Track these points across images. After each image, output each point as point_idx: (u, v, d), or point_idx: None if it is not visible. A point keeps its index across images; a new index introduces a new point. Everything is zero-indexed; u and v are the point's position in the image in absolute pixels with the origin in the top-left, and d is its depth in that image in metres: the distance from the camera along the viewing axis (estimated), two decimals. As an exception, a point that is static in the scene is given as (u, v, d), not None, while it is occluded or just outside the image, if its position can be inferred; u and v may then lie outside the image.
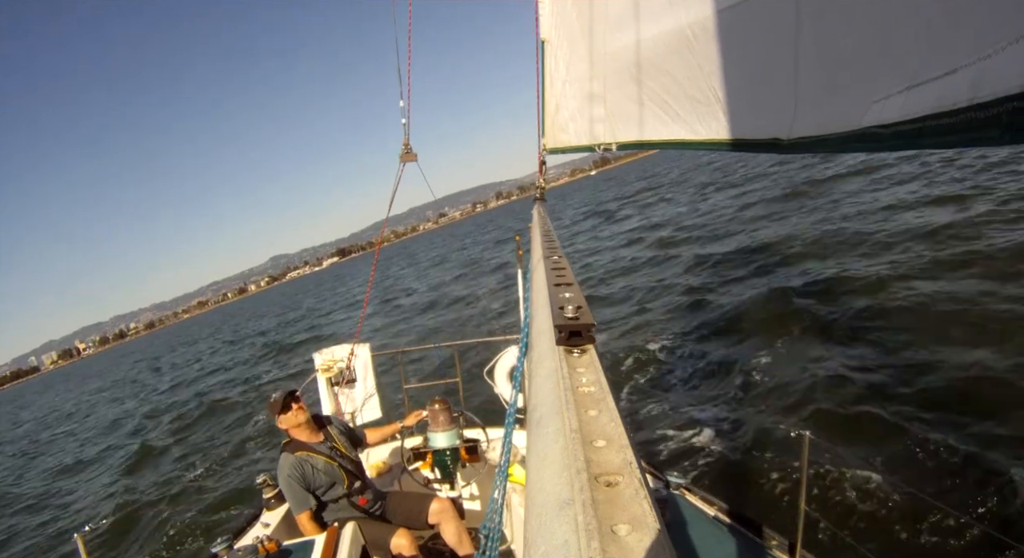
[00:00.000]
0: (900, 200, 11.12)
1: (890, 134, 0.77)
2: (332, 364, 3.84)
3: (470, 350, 7.91)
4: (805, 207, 13.53)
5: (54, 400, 42.73)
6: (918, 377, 4.88)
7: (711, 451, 4.92)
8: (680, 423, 5.56)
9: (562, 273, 1.12)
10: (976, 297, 5.96)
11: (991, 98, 0.54)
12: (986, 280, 6.29)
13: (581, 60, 2.24)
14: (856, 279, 7.54)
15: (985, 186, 10.36)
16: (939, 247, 7.78)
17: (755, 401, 5.47)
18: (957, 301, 6.01)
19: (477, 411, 3.58)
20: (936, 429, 4.16)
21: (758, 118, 1.27)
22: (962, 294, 6.14)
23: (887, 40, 0.81)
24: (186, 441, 11.63)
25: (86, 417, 23.25)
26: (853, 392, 4.97)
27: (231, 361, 22.85)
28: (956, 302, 5.99)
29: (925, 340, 5.46)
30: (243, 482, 7.69)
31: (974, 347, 5.05)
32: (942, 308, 5.98)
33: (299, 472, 2.66)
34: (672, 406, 5.95)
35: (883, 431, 4.34)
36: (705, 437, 5.17)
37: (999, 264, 6.59)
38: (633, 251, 15.93)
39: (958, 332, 5.41)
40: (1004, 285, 6.01)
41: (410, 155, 3.68)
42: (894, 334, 5.79)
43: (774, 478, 4.27)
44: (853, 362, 5.49)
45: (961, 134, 0.60)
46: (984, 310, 5.64)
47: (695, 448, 5.05)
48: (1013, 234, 7.36)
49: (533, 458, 0.57)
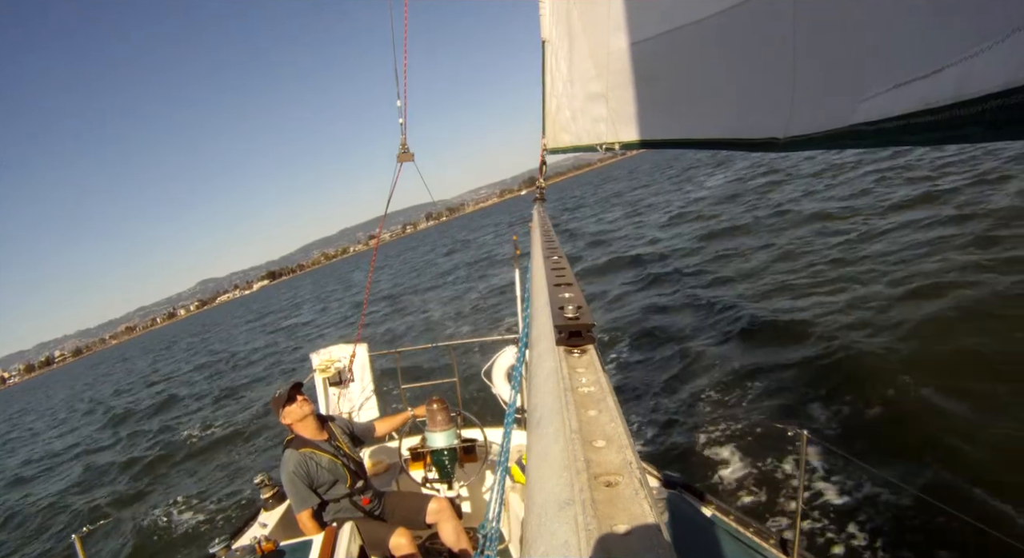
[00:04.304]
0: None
1: (876, 131, 0.78)
2: (330, 364, 3.84)
3: (468, 350, 7.92)
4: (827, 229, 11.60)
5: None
6: (918, 377, 4.89)
7: (710, 450, 4.92)
8: (680, 423, 5.57)
9: (562, 273, 1.12)
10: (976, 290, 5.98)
11: (975, 96, 0.54)
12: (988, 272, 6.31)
13: (583, 60, 2.24)
14: (856, 280, 7.57)
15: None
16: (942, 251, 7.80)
17: (755, 401, 5.48)
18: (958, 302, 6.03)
19: (474, 411, 3.58)
20: (936, 428, 4.18)
21: (756, 117, 1.28)
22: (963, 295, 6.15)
23: (876, 40, 0.81)
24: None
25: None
26: (853, 392, 4.98)
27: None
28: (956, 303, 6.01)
29: (925, 340, 5.48)
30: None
31: (974, 344, 5.06)
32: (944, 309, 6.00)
33: (304, 469, 2.64)
34: (671, 406, 5.96)
35: (882, 430, 4.35)
36: (704, 436, 5.18)
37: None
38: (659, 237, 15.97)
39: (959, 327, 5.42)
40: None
41: (407, 155, 3.68)
42: (894, 332, 5.80)
43: (772, 477, 4.28)
44: (854, 362, 5.50)
45: (945, 131, 0.61)
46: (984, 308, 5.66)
47: (695, 448, 5.06)
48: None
49: (533, 458, 0.57)
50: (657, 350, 7.68)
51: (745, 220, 14.30)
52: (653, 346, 7.87)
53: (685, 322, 8.43)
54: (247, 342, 27.93)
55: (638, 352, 7.77)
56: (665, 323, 8.69)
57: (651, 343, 8.01)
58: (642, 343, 8.14)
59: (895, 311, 6.27)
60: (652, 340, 8.12)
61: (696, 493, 2.32)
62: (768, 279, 8.95)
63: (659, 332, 8.35)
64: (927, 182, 11.82)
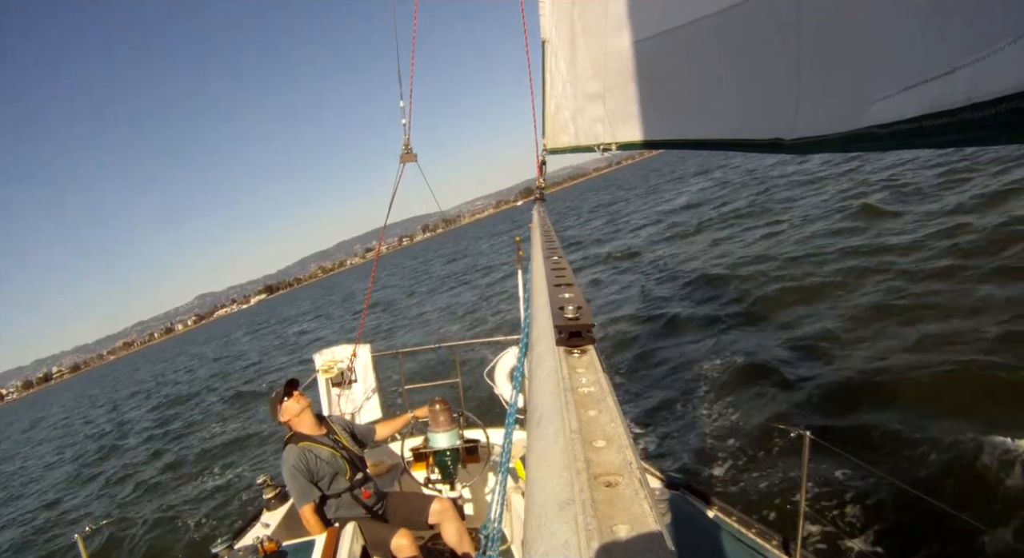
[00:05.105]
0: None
1: (888, 134, 0.77)
2: (332, 365, 3.85)
3: (470, 351, 7.92)
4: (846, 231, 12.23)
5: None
6: (922, 379, 4.88)
7: (711, 451, 4.91)
8: (681, 423, 5.56)
9: (562, 273, 1.12)
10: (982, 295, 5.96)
11: (988, 98, 0.54)
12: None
13: (582, 60, 2.24)
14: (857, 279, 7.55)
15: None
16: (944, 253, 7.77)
17: (756, 401, 5.47)
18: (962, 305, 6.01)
19: (477, 412, 3.58)
20: (936, 428, 4.16)
21: (760, 118, 1.27)
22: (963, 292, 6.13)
23: (886, 40, 0.81)
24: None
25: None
26: (856, 392, 4.97)
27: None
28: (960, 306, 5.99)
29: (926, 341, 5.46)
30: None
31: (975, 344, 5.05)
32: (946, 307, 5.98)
33: (304, 463, 2.66)
34: (672, 406, 5.95)
35: (884, 430, 4.34)
36: (705, 437, 5.17)
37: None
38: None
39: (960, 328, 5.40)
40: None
41: (410, 155, 3.68)
42: (894, 332, 5.78)
43: (774, 478, 4.27)
44: (855, 361, 5.49)
45: (958, 134, 0.60)
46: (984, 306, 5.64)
47: (695, 448, 5.05)
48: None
49: (533, 458, 0.57)
50: (658, 350, 7.67)
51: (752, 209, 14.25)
52: (654, 346, 7.86)
53: (685, 322, 8.41)
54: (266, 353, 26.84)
55: (639, 352, 7.76)
56: (665, 323, 8.68)
57: (652, 343, 8.00)
58: (643, 343, 8.13)
59: (897, 311, 6.25)
60: (653, 340, 8.11)
61: (699, 494, 2.32)
62: (771, 280, 8.93)
63: (660, 332, 8.35)
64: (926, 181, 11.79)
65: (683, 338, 7.84)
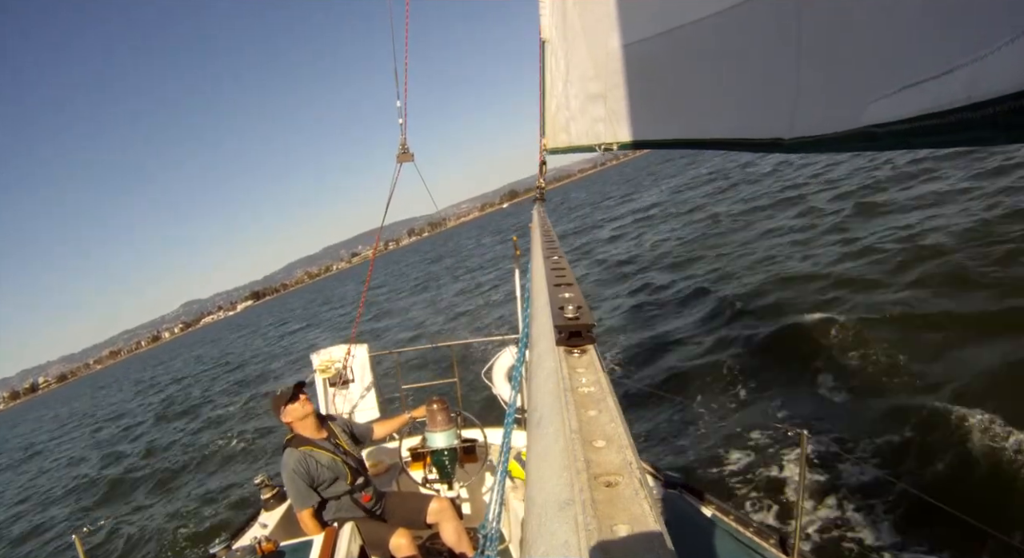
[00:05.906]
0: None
1: (886, 133, 0.77)
2: (330, 364, 3.84)
3: (468, 350, 7.92)
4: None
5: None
6: (920, 377, 4.89)
7: (711, 451, 4.92)
8: (681, 423, 5.57)
9: (562, 273, 1.12)
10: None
11: (987, 97, 0.54)
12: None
13: (582, 60, 2.24)
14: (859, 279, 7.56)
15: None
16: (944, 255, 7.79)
17: (755, 400, 5.48)
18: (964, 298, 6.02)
19: (475, 411, 3.58)
20: (938, 428, 4.17)
21: (760, 118, 1.27)
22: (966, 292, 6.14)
23: (885, 40, 0.81)
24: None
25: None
26: (854, 391, 4.98)
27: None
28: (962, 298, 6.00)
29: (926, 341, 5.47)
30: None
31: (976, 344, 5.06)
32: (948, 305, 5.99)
33: (304, 467, 2.64)
34: (672, 406, 5.95)
35: (883, 430, 4.35)
36: (704, 436, 5.18)
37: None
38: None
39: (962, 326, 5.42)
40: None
41: (406, 155, 3.67)
42: (895, 333, 5.79)
43: (773, 477, 4.27)
44: (855, 361, 5.49)
45: (956, 134, 0.60)
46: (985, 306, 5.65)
47: (695, 448, 5.06)
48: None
49: (533, 458, 0.57)
50: (658, 350, 7.67)
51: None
52: (654, 346, 7.86)
53: (686, 323, 8.42)
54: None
55: (638, 352, 7.76)
56: (665, 323, 8.69)
57: (652, 343, 8.01)
58: (643, 343, 8.13)
59: (898, 311, 6.26)
60: (653, 340, 8.12)
61: (696, 493, 2.32)
62: (768, 278, 8.95)
63: (660, 333, 8.35)
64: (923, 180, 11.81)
65: (683, 338, 7.85)
